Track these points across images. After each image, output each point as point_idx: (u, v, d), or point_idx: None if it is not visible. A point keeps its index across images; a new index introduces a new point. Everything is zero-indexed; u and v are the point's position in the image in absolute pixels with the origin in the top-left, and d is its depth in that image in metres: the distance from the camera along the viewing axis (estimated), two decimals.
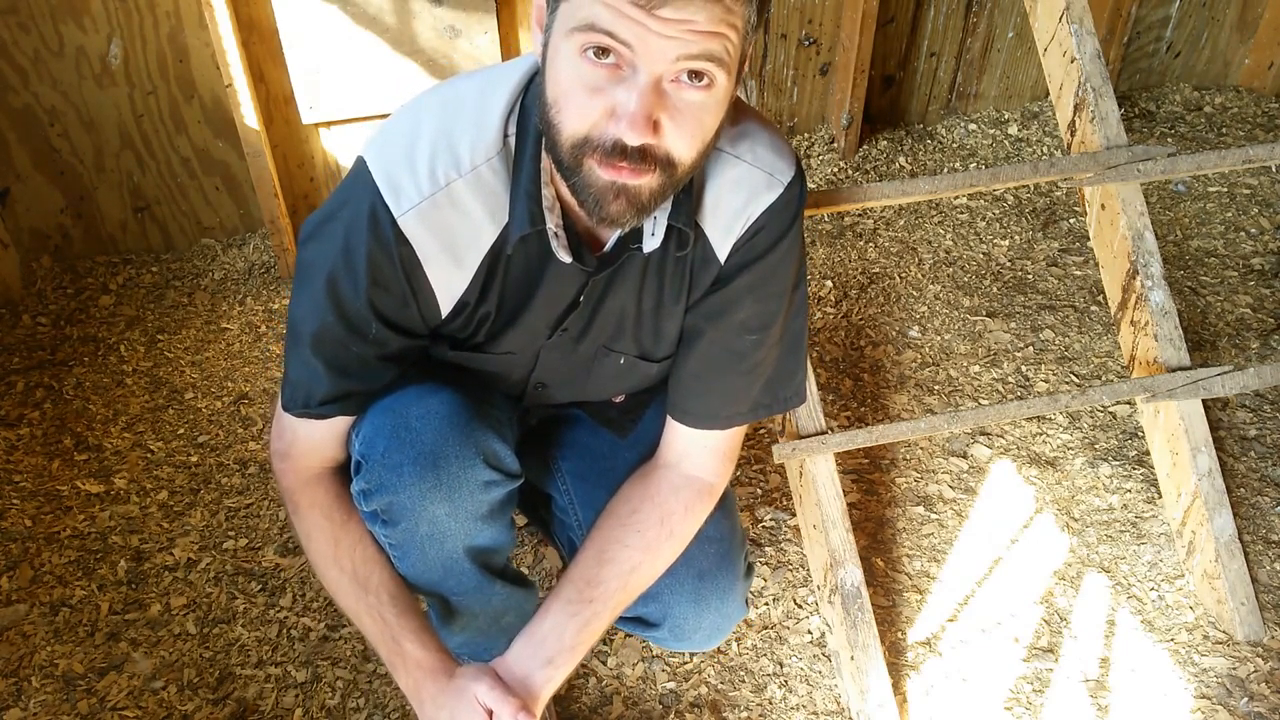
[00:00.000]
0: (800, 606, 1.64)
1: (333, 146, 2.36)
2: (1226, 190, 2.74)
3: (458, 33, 2.23)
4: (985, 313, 2.30)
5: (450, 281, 0.99)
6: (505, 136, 0.95)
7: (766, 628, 1.61)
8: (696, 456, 1.14)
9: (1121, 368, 2.14)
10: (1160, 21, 3.04)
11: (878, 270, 2.45)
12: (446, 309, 1.01)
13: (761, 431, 1.98)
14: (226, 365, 2.15)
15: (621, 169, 0.84)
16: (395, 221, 0.93)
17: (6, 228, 2.28)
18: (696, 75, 0.81)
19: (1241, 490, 1.85)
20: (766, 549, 1.74)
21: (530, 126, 0.94)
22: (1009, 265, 2.47)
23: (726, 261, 1.03)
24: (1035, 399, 1.53)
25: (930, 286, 2.39)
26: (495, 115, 0.95)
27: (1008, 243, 2.55)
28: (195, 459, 1.91)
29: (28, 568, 1.68)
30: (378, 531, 1.08)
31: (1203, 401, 1.55)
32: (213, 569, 1.69)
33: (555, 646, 1.06)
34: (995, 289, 2.39)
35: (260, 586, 1.66)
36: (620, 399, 1.26)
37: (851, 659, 1.44)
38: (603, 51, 0.80)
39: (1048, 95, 3.07)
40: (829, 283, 2.41)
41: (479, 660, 1.24)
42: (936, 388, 2.10)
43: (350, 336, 0.99)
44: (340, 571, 1.08)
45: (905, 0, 2.72)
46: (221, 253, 2.47)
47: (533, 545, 1.74)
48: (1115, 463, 1.90)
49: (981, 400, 2.07)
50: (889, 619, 1.63)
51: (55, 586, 1.65)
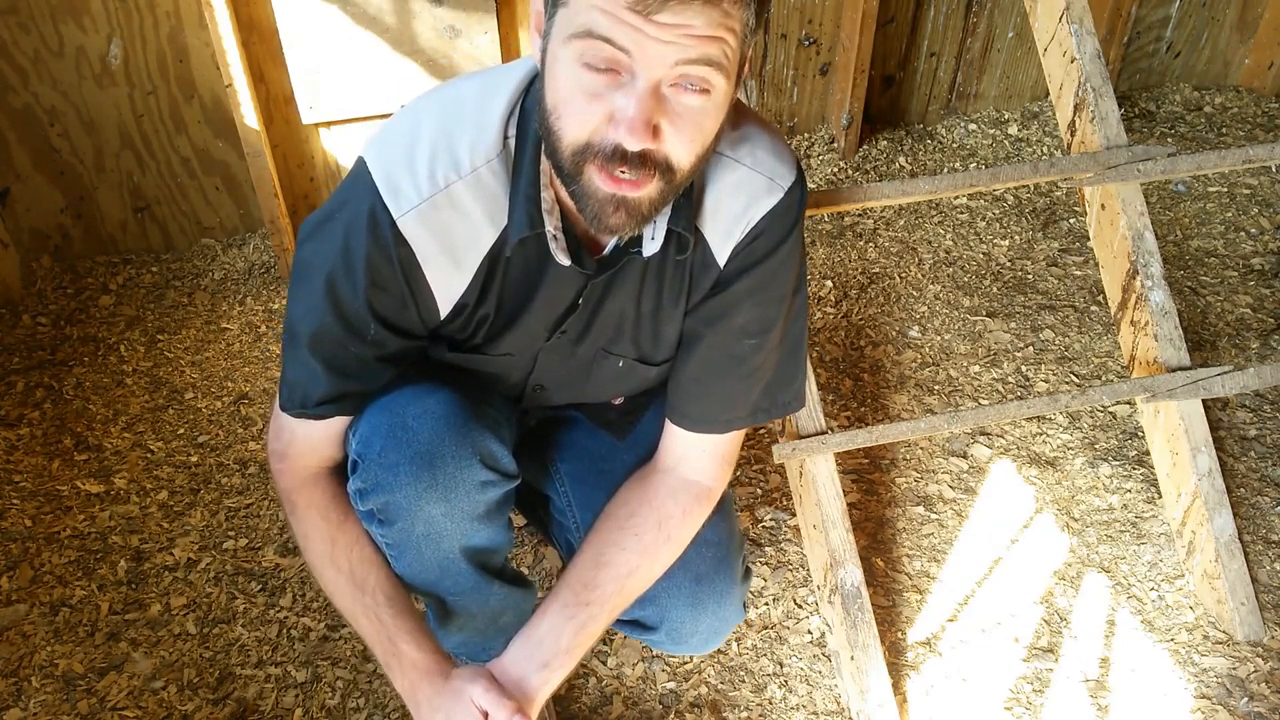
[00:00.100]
0: (800, 606, 1.64)
1: (333, 146, 2.36)
2: (1226, 190, 2.74)
3: (458, 33, 2.23)
4: (985, 313, 2.30)
5: (449, 283, 0.99)
6: (505, 139, 0.95)
7: (766, 628, 1.61)
8: (695, 460, 1.14)
9: (1121, 368, 2.14)
10: (1160, 21, 3.03)
11: (878, 270, 2.45)
12: (445, 310, 1.01)
13: (761, 431, 1.98)
14: (226, 365, 2.15)
15: (622, 181, 0.84)
16: (394, 222, 0.93)
17: (6, 228, 2.28)
18: (695, 80, 0.81)
19: (1241, 490, 1.85)
20: (766, 549, 1.74)
21: (530, 129, 0.94)
22: (1009, 265, 2.47)
23: (726, 266, 1.03)
24: (1035, 399, 1.53)
25: (930, 286, 2.39)
26: (495, 117, 0.95)
27: (1008, 243, 2.55)
28: (195, 459, 1.91)
29: (28, 568, 1.68)
30: (374, 531, 1.08)
31: (1203, 401, 1.56)
32: (213, 569, 1.69)
33: (552, 649, 1.05)
34: (995, 289, 2.38)
35: (260, 586, 1.66)
36: (619, 401, 1.26)
37: (851, 659, 1.44)
38: (601, 58, 0.80)
39: (1048, 95, 3.07)
40: (829, 283, 2.41)
41: (477, 661, 1.24)
42: (936, 388, 2.10)
43: (348, 337, 0.99)
44: (337, 572, 1.08)
45: (905, 0, 2.72)
46: (221, 253, 2.47)
47: (533, 545, 1.74)
48: (1115, 463, 1.90)
49: (981, 400, 2.07)
50: (889, 619, 1.63)
51: (55, 586, 1.65)
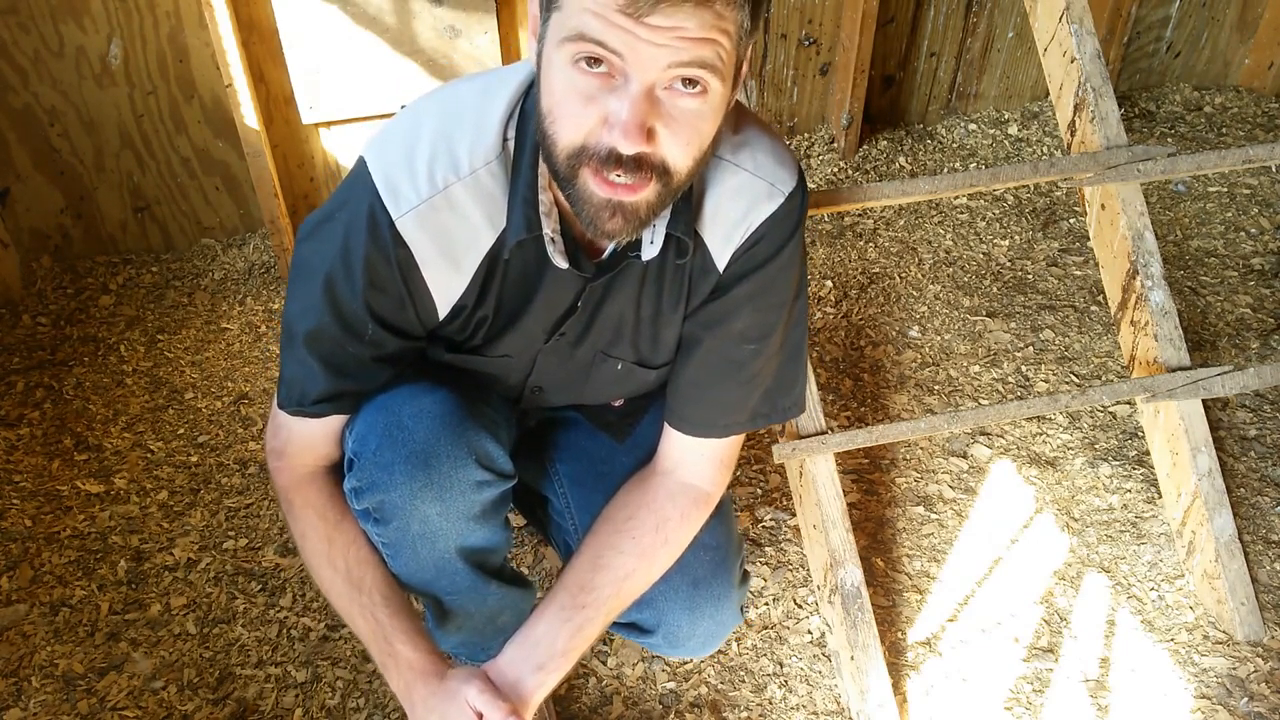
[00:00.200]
0: (800, 606, 1.64)
1: (333, 146, 2.36)
2: (1226, 190, 2.74)
3: (458, 33, 2.23)
4: (985, 313, 2.30)
5: (447, 284, 0.99)
6: (505, 141, 0.95)
7: (766, 628, 1.61)
8: (693, 464, 1.13)
9: (1121, 368, 2.14)
10: (1160, 21, 3.03)
11: (878, 270, 2.45)
12: (444, 311, 1.01)
13: (762, 431, 1.98)
14: (226, 365, 2.15)
15: (617, 185, 0.84)
16: (393, 223, 0.93)
17: (6, 228, 2.28)
18: (690, 82, 0.81)
19: (1241, 490, 1.85)
20: (766, 549, 1.74)
21: (530, 131, 0.94)
22: (1009, 265, 2.47)
23: (725, 270, 1.03)
24: (1035, 399, 1.53)
25: (930, 286, 2.39)
26: (495, 119, 0.95)
27: (1008, 243, 2.55)
28: (195, 459, 1.91)
29: (28, 568, 1.68)
30: (370, 530, 1.07)
31: (1203, 401, 1.56)
32: (213, 569, 1.69)
33: (547, 652, 1.05)
34: (995, 289, 2.38)
35: (260, 586, 1.66)
36: (619, 403, 1.26)
37: (851, 659, 1.44)
38: (594, 60, 0.80)
39: (1048, 95, 3.07)
40: (829, 283, 2.41)
41: (475, 661, 1.24)
42: (936, 388, 2.10)
43: (346, 337, 0.99)
44: (334, 571, 1.07)
45: (905, 0, 2.72)
46: (221, 253, 2.47)
47: (533, 545, 1.74)
48: (1115, 463, 1.90)
49: (981, 400, 2.07)
50: (889, 619, 1.63)
51: (55, 586, 1.65)
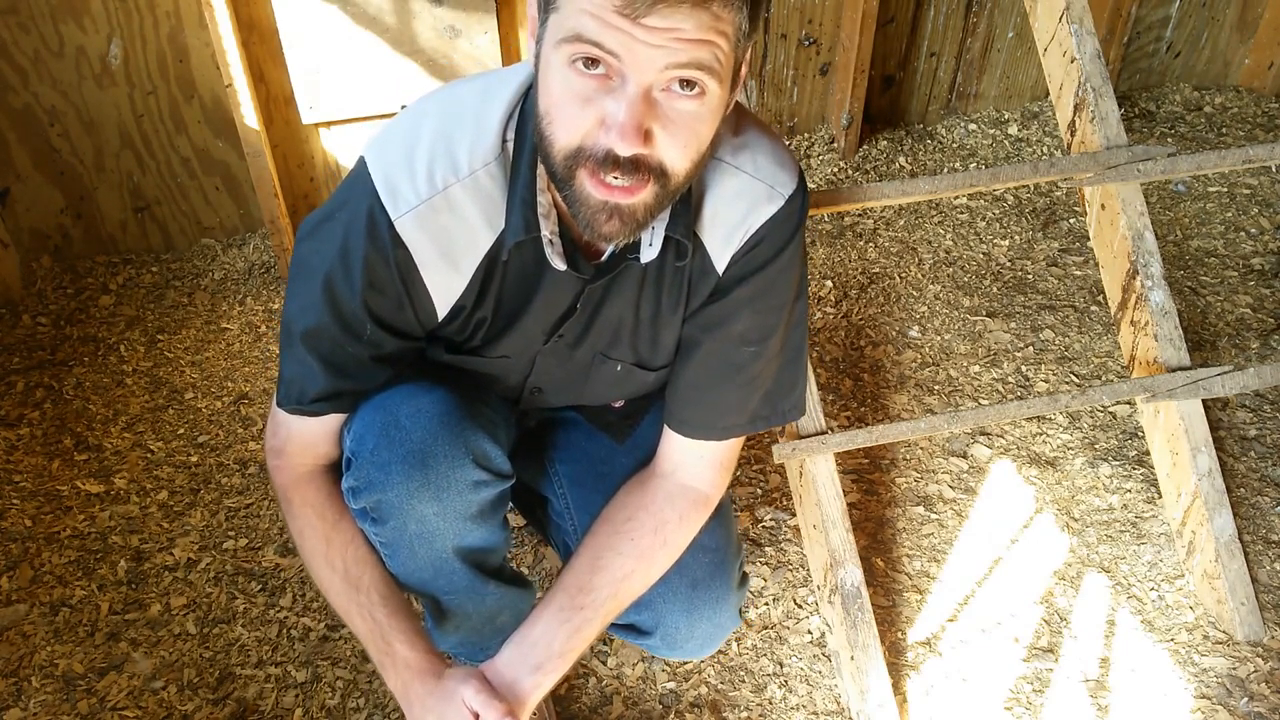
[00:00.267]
0: (800, 606, 1.64)
1: (333, 146, 2.36)
2: (1226, 190, 2.74)
3: (458, 33, 2.23)
4: (985, 313, 2.30)
5: (446, 285, 0.99)
6: (504, 142, 0.95)
7: (766, 628, 1.61)
8: (693, 466, 1.13)
9: (1121, 368, 2.14)
10: (1160, 21, 3.03)
11: (878, 270, 2.45)
12: (443, 312, 1.01)
13: (762, 432, 1.98)
14: (226, 365, 2.15)
15: (614, 188, 0.84)
16: (392, 224, 0.94)
17: (6, 228, 2.28)
18: (687, 84, 0.80)
19: (1241, 490, 1.85)
20: (766, 549, 1.74)
21: (529, 133, 0.94)
22: (1009, 265, 2.47)
23: (725, 273, 1.03)
24: (1035, 399, 1.53)
25: (930, 286, 2.39)
26: (494, 121, 0.95)
27: (1008, 243, 2.55)
28: (195, 459, 1.91)
29: (28, 568, 1.68)
30: (368, 529, 1.08)
31: (1203, 401, 1.56)
32: (213, 569, 1.69)
33: (545, 653, 1.05)
34: (995, 289, 2.38)
35: (260, 586, 1.66)
36: (619, 404, 1.26)
37: (851, 659, 1.44)
38: (591, 62, 0.80)
39: (1048, 95, 3.07)
40: (829, 283, 2.41)
41: (474, 661, 1.24)
42: (936, 388, 2.10)
43: (345, 337, 0.99)
44: (332, 570, 1.07)
45: (905, 0, 2.72)
46: (221, 253, 2.47)
47: (533, 545, 1.74)
48: (1115, 463, 1.90)
49: (981, 400, 2.07)
50: (889, 619, 1.63)
51: (55, 586, 1.65)
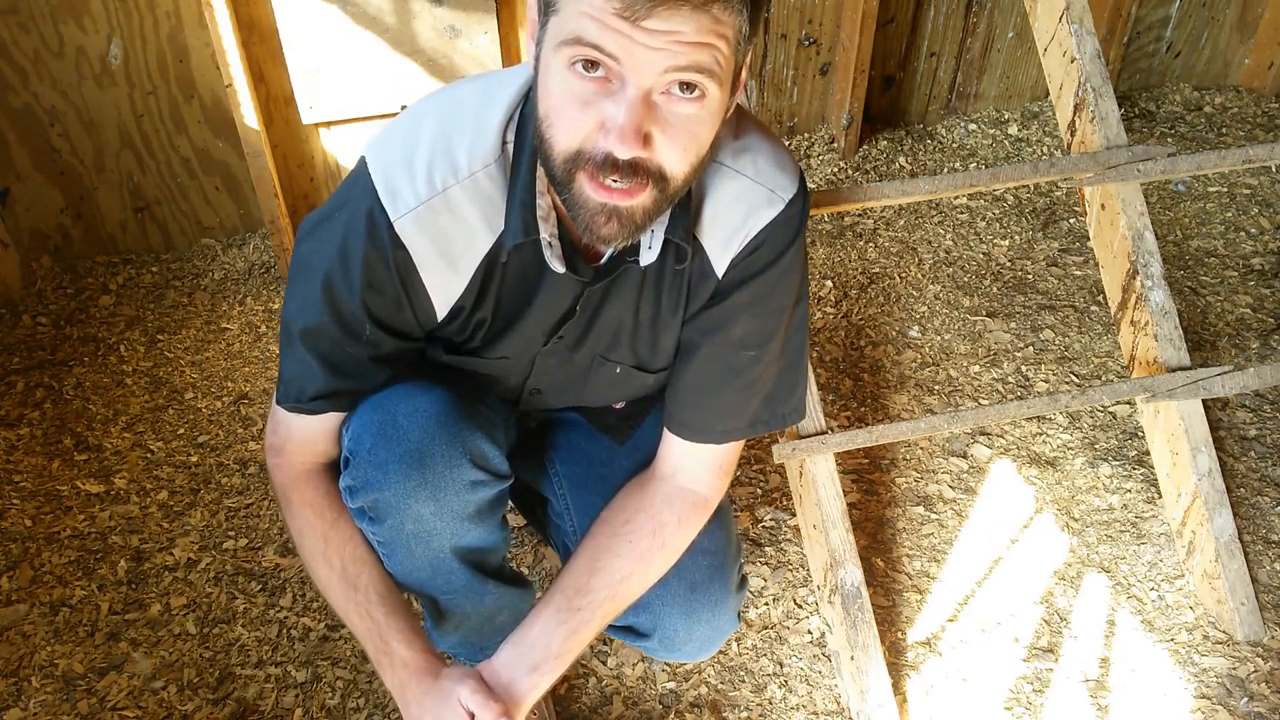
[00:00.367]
0: (800, 606, 1.64)
1: (333, 146, 2.36)
2: (1226, 190, 2.74)
3: (458, 33, 2.23)
4: (985, 313, 2.30)
5: (446, 286, 0.99)
6: (504, 144, 0.95)
7: (766, 628, 1.61)
8: (692, 469, 1.13)
9: (1121, 368, 2.14)
10: (1160, 21, 3.03)
11: (878, 270, 2.45)
12: (442, 313, 1.01)
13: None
14: (226, 365, 2.15)
15: (613, 190, 0.84)
16: (391, 225, 0.94)
17: (6, 228, 2.28)
18: (687, 87, 0.80)
19: (1241, 490, 1.85)
20: (766, 549, 1.74)
21: (528, 135, 0.94)
22: (1009, 265, 2.47)
23: (724, 276, 1.03)
24: (1035, 399, 1.53)
25: (930, 286, 2.39)
26: (494, 122, 0.95)
27: (1008, 243, 2.55)
28: (195, 459, 1.91)
29: (28, 568, 1.68)
30: (365, 528, 1.08)
31: (1203, 401, 1.56)
32: (213, 569, 1.69)
33: (542, 654, 1.05)
34: (995, 289, 2.38)
35: (260, 586, 1.66)
36: (620, 405, 1.26)
37: (851, 659, 1.44)
38: (591, 65, 0.79)
39: (1048, 95, 3.07)
40: (829, 283, 2.41)
41: (474, 661, 1.24)
42: (936, 388, 2.10)
43: (344, 337, 0.99)
44: (330, 569, 1.07)
45: (905, 0, 2.72)
46: (221, 253, 2.47)
47: (533, 545, 1.74)
48: (1115, 463, 1.90)
49: (981, 400, 2.07)
50: (889, 619, 1.63)
51: (55, 586, 1.65)
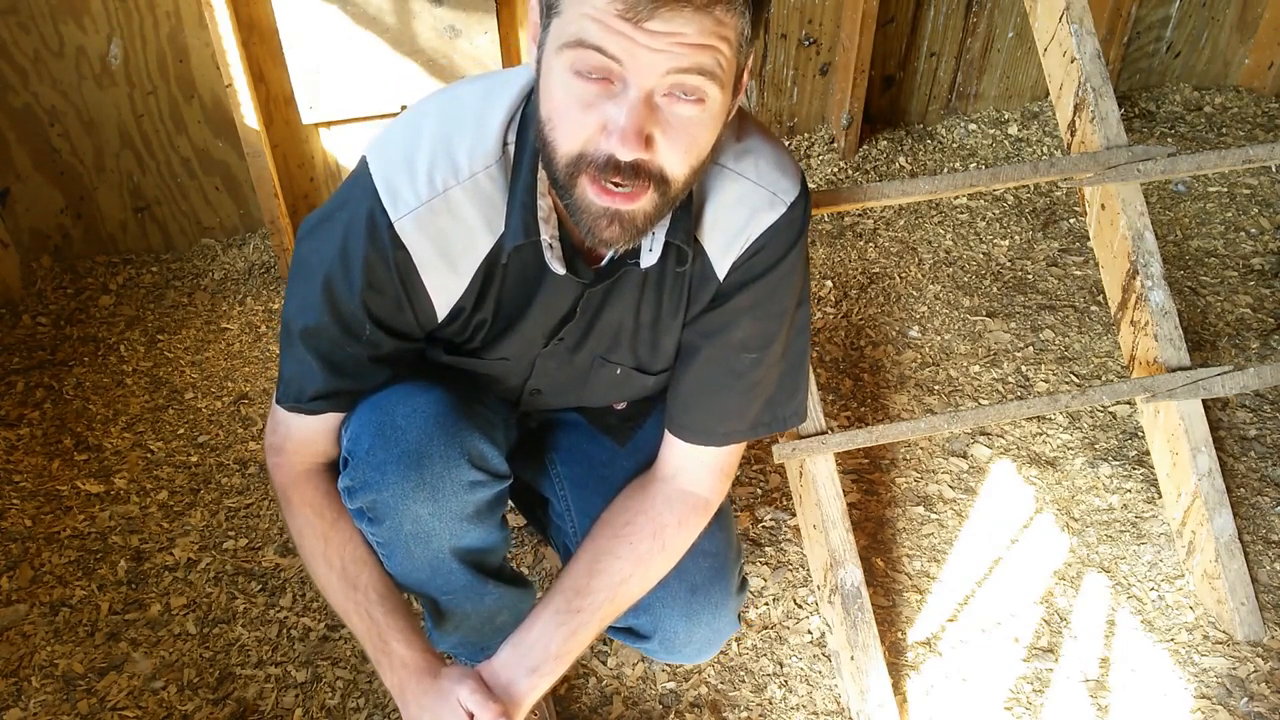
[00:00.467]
0: (800, 606, 1.64)
1: (333, 146, 2.36)
2: (1226, 190, 2.74)
3: (458, 33, 2.23)
4: (985, 313, 2.30)
5: (446, 287, 0.99)
6: (504, 145, 0.95)
7: (766, 628, 1.61)
8: (693, 471, 1.13)
9: (1121, 368, 2.14)
10: (1160, 21, 3.03)
11: (878, 270, 2.45)
12: (442, 314, 1.01)
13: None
14: (226, 365, 2.15)
15: (615, 195, 0.84)
16: (392, 225, 0.94)
17: (6, 228, 2.28)
18: (688, 89, 0.80)
19: (1241, 490, 1.85)
20: (766, 549, 1.74)
21: (529, 136, 0.94)
22: (1009, 265, 2.47)
23: (725, 279, 1.03)
24: (1035, 399, 1.53)
25: (930, 286, 2.39)
26: (495, 123, 0.95)
27: (1008, 243, 2.55)
28: (195, 459, 1.91)
29: (28, 568, 1.68)
30: (365, 529, 1.08)
31: (1203, 401, 1.56)
32: (213, 569, 1.69)
33: (541, 655, 1.05)
34: (995, 289, 2.38)
35: (260, 586, 1.66)
36: (621, 406, 1.26)
37: (851, 659, 1.44)
38: (593, 67, 0.80)
39: (1048, 95, 3.07)
40: (829, 283, 2.41)
41: (474, 661, 1.24)
42: (936, 388, 2.10)
43: (344, 337, 1.00)
44: (330, 569, 1.07)
45: (905, 0, 2.72)
46: (221, 253, 2.47)
47: (533, 545, 1.74)
48: (1115, 463, 1.90)
49: (981, 400, 2.07)
50: (889, 619, 1.63)
51: (55, 586, 1.65)
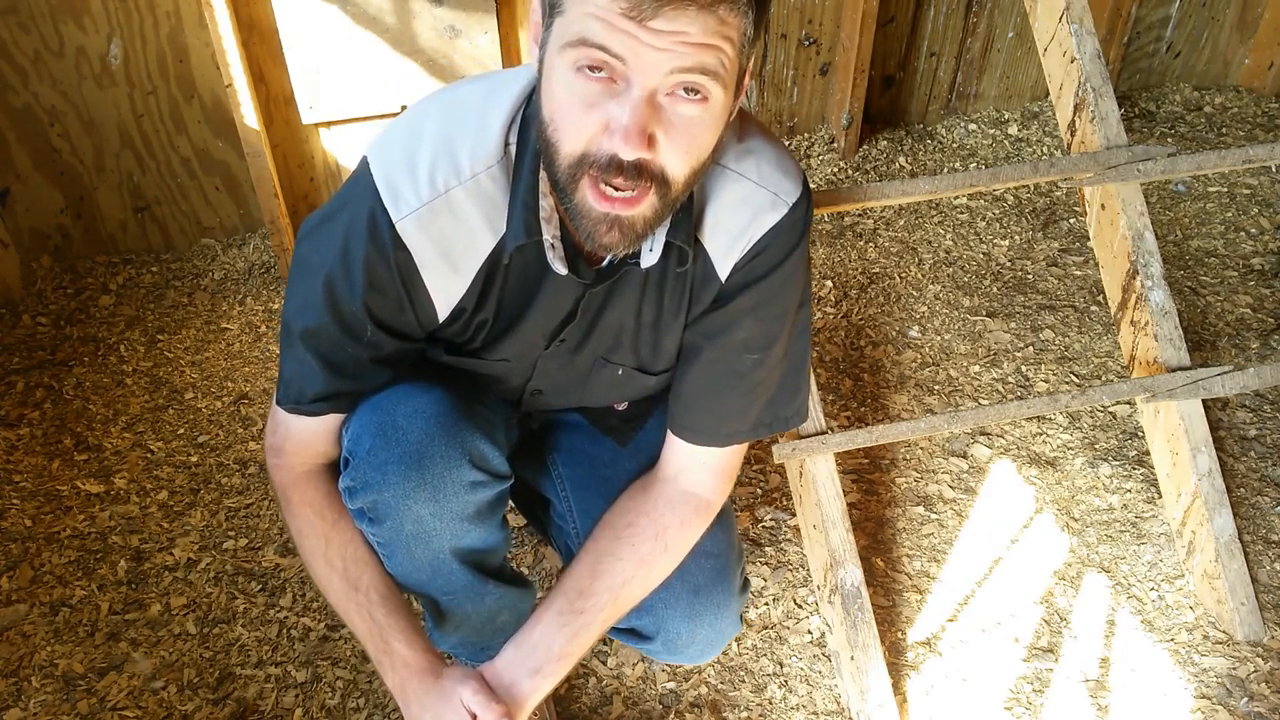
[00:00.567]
0: (800, 606, 1.64)
1: (333, 146, 2.36)
2: (1226, 190, 2.74)
3: (458, 33, 2.23)
4: (985, 313, 2.30)
5: (447, 287, 0.99)
6: (506, 145, 0.95)
7: (766, 628, 1.61)
8: (695, 472, 1.13)
9: (1121, 368, 2.14)
10: (1160, 21, 3.04)
11: (878, 270, 2.45)
12: (443, 314, 1.01)
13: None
14: (226, 365, 2.15)
15: (615, 200, 0.84)
16: (393, 226, 0.93)
17: (6, 228, 2.28)
18: (691, 89, 0.80)
19: (1241, 490, 1.85)
20: (766, 549, 1.74)
21: (531, 137, 0.94)
22: (1009, 265, 2.47)
23: (727, 280, 1.03)
24: (1035, 399, 1.53)
25: (930, 286, 2.39)
26: (496, 124, 0.95)
27: (1008, 243, 2.55)
28: (195, 459, 1.91)
29: (28, 568, 1.68)
30: (365, 529, 1.07)
31: (1203, 401, 1.56)
32: (213, 569, 1.69)
33: (544, 656, 1.05)
34: (995, 289, 2.38)
35: (260, 586, 1.66)
36: (622, 406, 1.26)
37: (851, 659, 1.44)
38: (596, 66, 0.80)
39: (1048, 95, 3.07)
40: (829, 283, 2.41)
41: (475, 661, 1.24)
42: (936, 388, 2.10)
43: (345, 338, 0.99)
44: (330, 570, 1.07)
45: (905, 0, 2.72)
46: (221, 253, 2.47)
47: (533, 545, 1.74)
48: (1115, 463, 1.90)
49: (981, 400, 2.07)
50: (889, 619, 1.63)
51: (55, 586, 1.65)
